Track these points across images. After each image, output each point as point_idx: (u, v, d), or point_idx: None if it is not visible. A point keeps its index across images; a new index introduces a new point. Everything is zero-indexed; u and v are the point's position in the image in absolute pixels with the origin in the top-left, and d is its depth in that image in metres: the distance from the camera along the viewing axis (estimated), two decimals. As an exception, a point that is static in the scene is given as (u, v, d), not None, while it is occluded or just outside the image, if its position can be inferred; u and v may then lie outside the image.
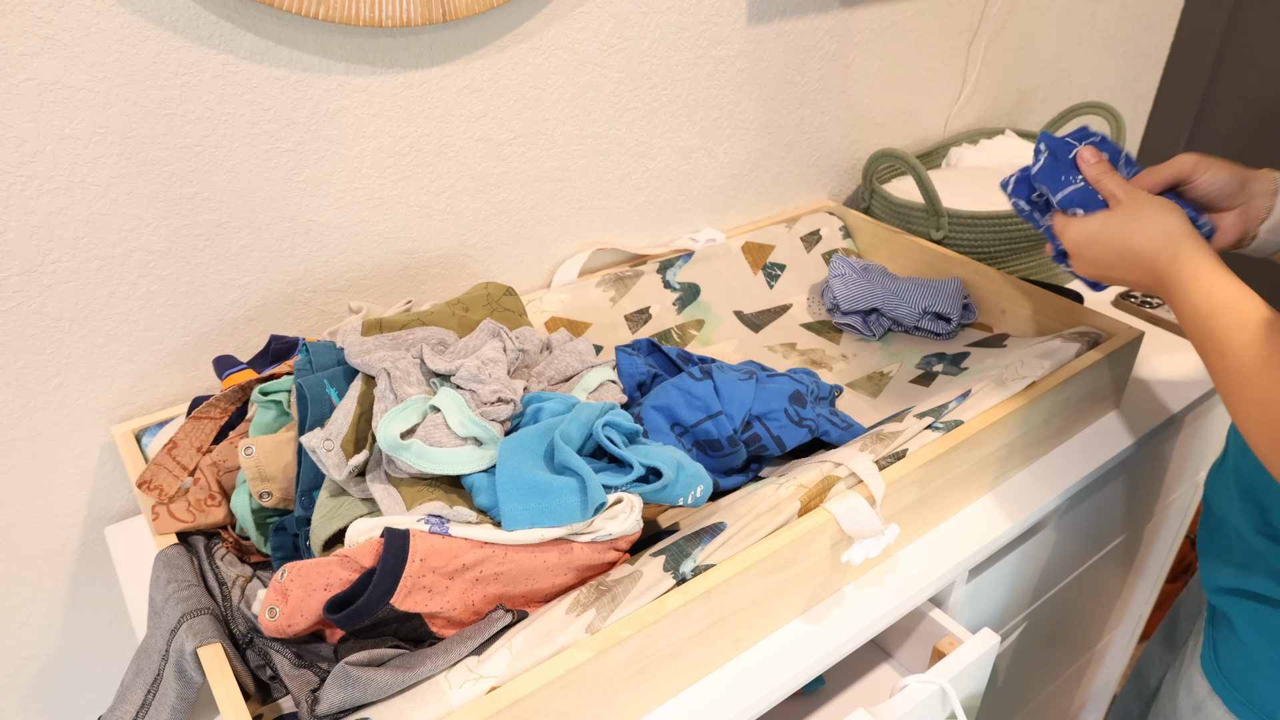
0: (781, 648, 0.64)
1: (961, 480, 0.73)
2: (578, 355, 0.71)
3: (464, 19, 0.79)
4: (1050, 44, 1.36)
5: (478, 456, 0.59)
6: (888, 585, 0.69)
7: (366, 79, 0.77)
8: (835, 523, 0.62)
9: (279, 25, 0.71)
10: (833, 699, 0.78)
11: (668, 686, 0.60)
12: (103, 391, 0.77)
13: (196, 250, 0.76)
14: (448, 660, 0.52)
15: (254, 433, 0.65)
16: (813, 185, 1.17)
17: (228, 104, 0.72)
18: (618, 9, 0.88)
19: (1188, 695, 0.71)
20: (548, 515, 0.55)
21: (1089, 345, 0.80)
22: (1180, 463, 1.03)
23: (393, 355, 0.63)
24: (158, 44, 0.67)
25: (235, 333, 0.81)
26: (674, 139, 1.00)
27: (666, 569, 0.57)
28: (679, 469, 0.60)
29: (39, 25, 0.63)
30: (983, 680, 0.72)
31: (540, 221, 0.95)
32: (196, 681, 0.55)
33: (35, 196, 0.67)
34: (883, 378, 0.89)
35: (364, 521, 0.56)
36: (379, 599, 0.52)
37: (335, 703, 0.49)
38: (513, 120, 0.87)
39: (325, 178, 0.79)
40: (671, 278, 0.98)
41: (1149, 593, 1.22)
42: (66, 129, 0.66)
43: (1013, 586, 0.87)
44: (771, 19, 1.00)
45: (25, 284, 0.69)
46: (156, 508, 0.65)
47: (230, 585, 0.62)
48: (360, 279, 0.86)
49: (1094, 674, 1.26)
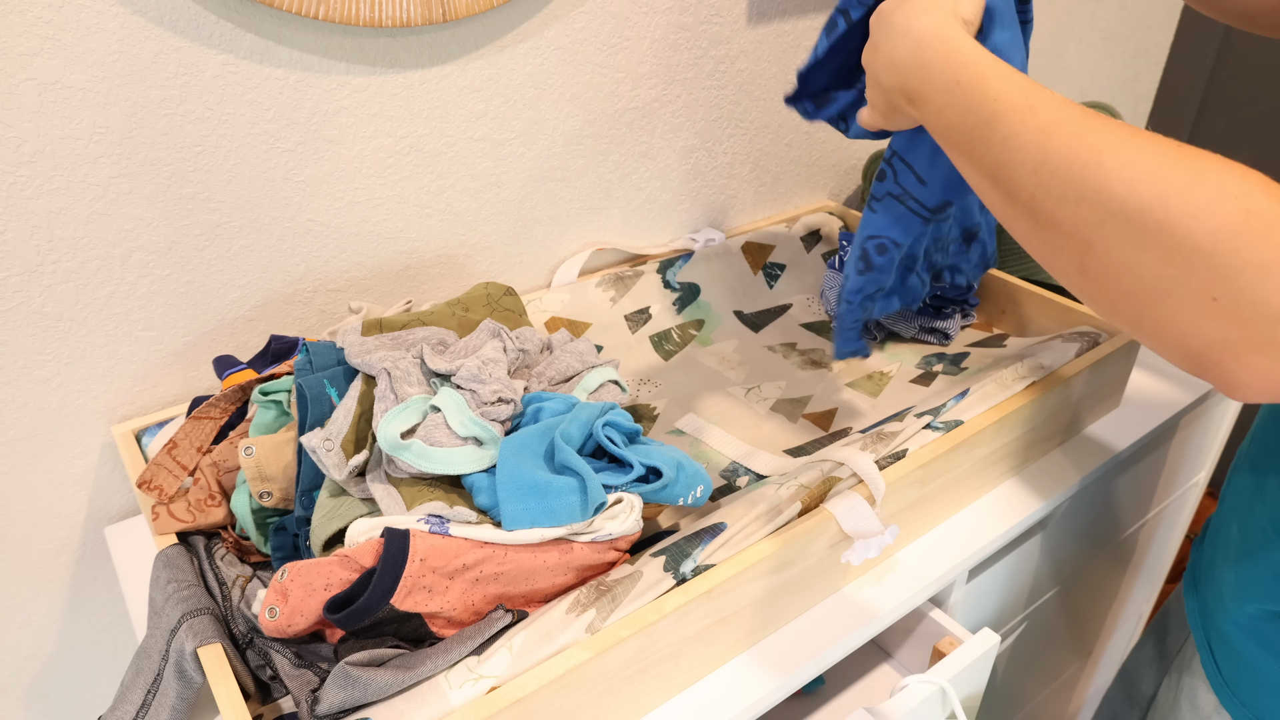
0: (781, 648, 0.64)
1: (961, 480, 0.73)
2: (578, 355, 0.71)
3: (464, 19, 0.79)
4: (1050, 44, 1.36)
5: (478, 456, 0.59)
6: (888, 585, 0.69)
7: (366, 79, 0.77)
8: (835, 523, 0.62)
9: (279, 25, 0.71)
10: (833, 699, 0.78)
11: (668, 686, 0.60)
12: (103, 391, 0.77)
13: (196, 250, 0.76)
14: (448, 660, 0.52)
15: (254, 433, 0.65)
16: (813, 185, 1.17)
17: (228, 104, 0.72)
18: (618, 9, 0.88)
19: (1192, 709, 0.70)
20: (548, 515, 0.55)
21: (1089, 345, 0.80)
22: (1180, 463, 1.03)
23: (393, 355, 0.63)
24: (158, 44, 0.67)
25: (235, 333, 0.81)
26: (674, 139, 1.00)
27: (666, 569, 0.57)
28: (679, 469, 0.60)
29: (39, 25, 0.63)
30: (983, 680, 0.72)
31: (540, 221, 0.95)
32: (196, 681, 0.55)
33: (35, 196, 0.67)
34: (883, 378, 0.89)
35: (364, 521, 0.56)
36: (379, 599, 0.52)
37: (335, 703, 0.49)
38: (513, 120, 0.87)
39: (325, 178, 0.79)
40: (671, 278, 0.98)
41: (1149, 593, 1.22)
42: (66, 129, 0.66)
43: (1013, 586, 0.87)
44: (771, 19, 1.00)
45: (25, 284, 0.69)
46: (156, 508, 0.65)
47: (230, 585, 0.62)
48: (360, 279, 0.86)
49: (1093, 674, 1.26)
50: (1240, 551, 0.65)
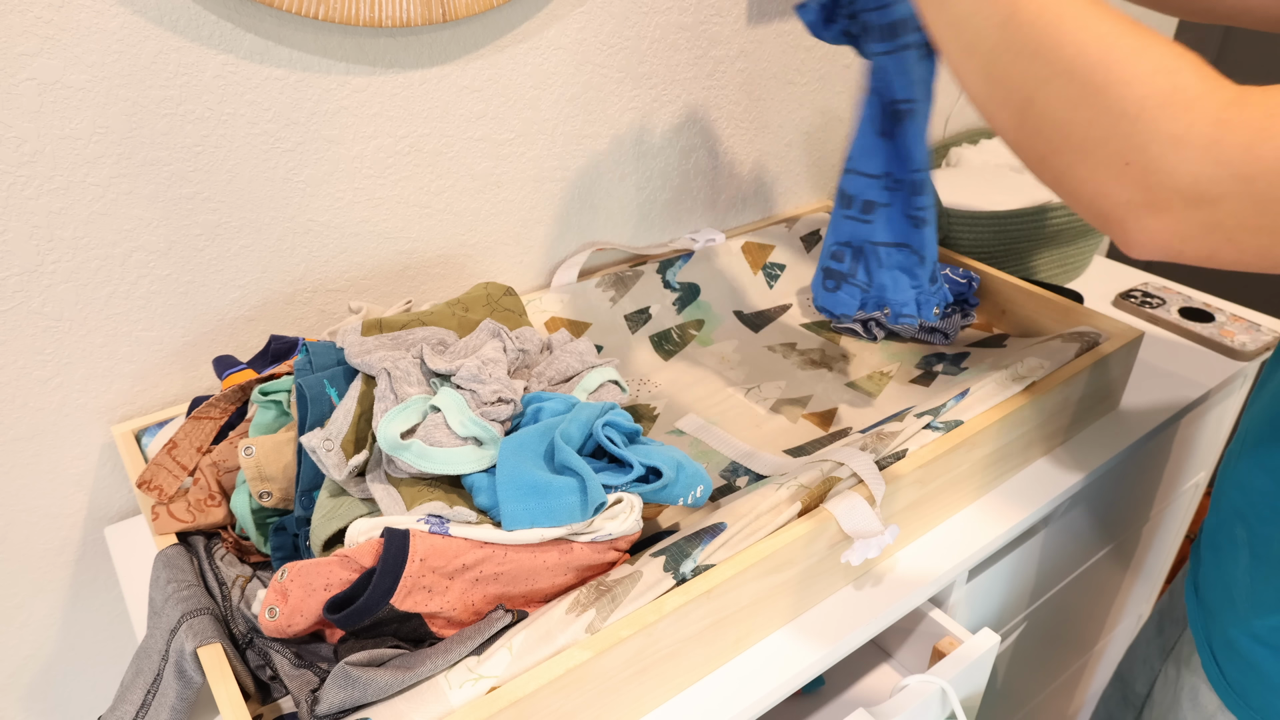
0: (782, 648, 0.64)
1: (961, 480, 0.73)
2: (578, 355, 0.71)
3: (464, 19, 0.79)
4: (1050, 44, 1.36)
5: (478, 456, 0.59)
6: (888, 585, 0.69)
7: (366, 79, 0.77)
8: (835, 523, 0.62)
9: (279, 25, 0.71)
10: (833, 699, 0.78)
11: (668, 686, 0.60)
12: (103, 391, 0.77)
13: (196, 250, 0.76)
14: (448, 660, 0.52)
15: (254, 433, 0.65)
16: (813, 185, 1.17)
17: (228, 104, 0.72)
18: (618, 9, 0.88)
19: (1193, 707, 0.70)
20: (548, 515, 0.55)
21: (1088, 345, 0.80)
22: (1180, 463, 1.03)
23: (393, 355, 0.63)
24: (158, 44, 0.67)
25: (235, 333, 0.81)
26: (674, 139, 1.00)
27: (666, 569, 0.57)
28: (679, 469, 0.60)
29: (39, 25, 0.63)
30: (983, 680, 0.72)
31: (540, 221, 0.95)
32: (196, 681, 0.55)
33: (35, 196, 0.67)
34: (883, 378, 0.89)
35: (364, 521, 0.56)
36: (379, 599, 0.52)
37: (335, 703, 0.49)
38: (513, 120, 0.87)
39: (325, 178, 0.79)
40: (671, 278, 0.98)
41: (1149, 593, 1.22)
42: (66, 129, 0.66)
43: (1013, 586, 0.87)
44: (771, 19, 1.00)
45: (25, 284, 0.69)
46: (156, 508, 0.65)
47: (230, 585, 0.62)
48: (360, 279, 0.86)
49: (1094, 674, 1.26)
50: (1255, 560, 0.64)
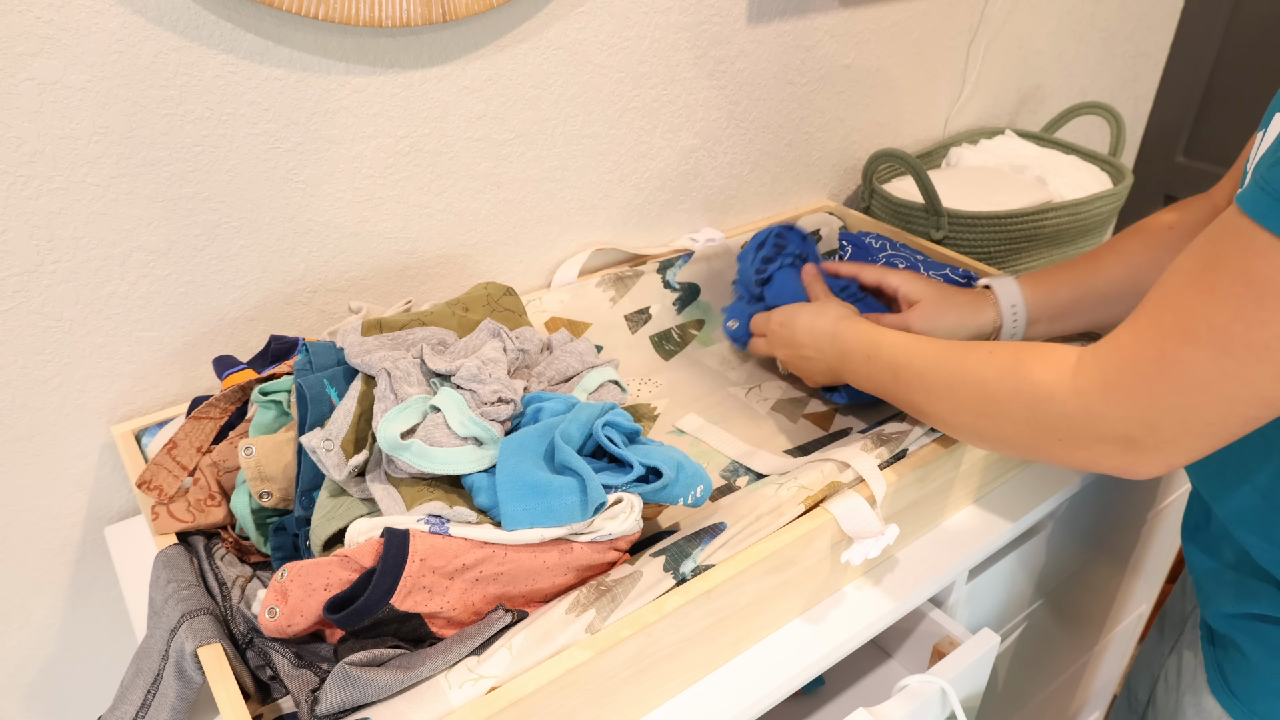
0: (781, 648, 0.64)
1: (962, 480, 0.73)
2: (578, 355, 0.71)
3: (464, 19, 0.79)
4: (1050, 44, 1.36)
5: (478, 456, 0.59)
6: (888, 585, 0.69)
7: (366, 79, 0.77)
8: (835, 523, 0.62)
9: (279, 25, 0.71)
10: (833, 699, 0.78)
11: (668, 686, 0.60)
12: (103, 391, 0.77)
13: (196, 250, 0.76)
14: (448, 660, 0.52)
15: (254, 433, 0.65)
16: (813, 185, 1.17)
17: (228, 104, 0.72)
18: (618, 9, 0.88)
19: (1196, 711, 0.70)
20: (548, 515, 0.55)
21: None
22: (1180, 463, 1.03)
23: (393, 355, 0.63)
24: (158, 44, 0.67)
25: (235, 333, 0.81)
26: (674, 139, 1.00)
27: (666, 569, 0.57)
28: (679, 469, 0.60)
29: (39, 25, 0.63)
30: (983, 680, 0.72)
31: (540, 221, 0.95)
32: (196, 681, 0.55)
33: (35, 196, 0.67)
34: (883, 378, 0.89)
35: (364, 521, 0.56)
36: (379, 599, 0.52)
37: (335, 703, 0.49)
38: (513, 120, 0.87)
39: (325, 178, 0.79)
40: (671, 278, 0.97)
41: (1149, 593, 1.22)
42: (66, 129, 0.66)
43: (1013, 586, 0.87)
44: (771, 19, 1.00)
45: (25, 284, 0.69)
46: (156, 508, 0.65)
47: (230, 585, 0.62)
48: (360, 279, 0.86)
49: (1094, 674, 1.26)
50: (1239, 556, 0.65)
